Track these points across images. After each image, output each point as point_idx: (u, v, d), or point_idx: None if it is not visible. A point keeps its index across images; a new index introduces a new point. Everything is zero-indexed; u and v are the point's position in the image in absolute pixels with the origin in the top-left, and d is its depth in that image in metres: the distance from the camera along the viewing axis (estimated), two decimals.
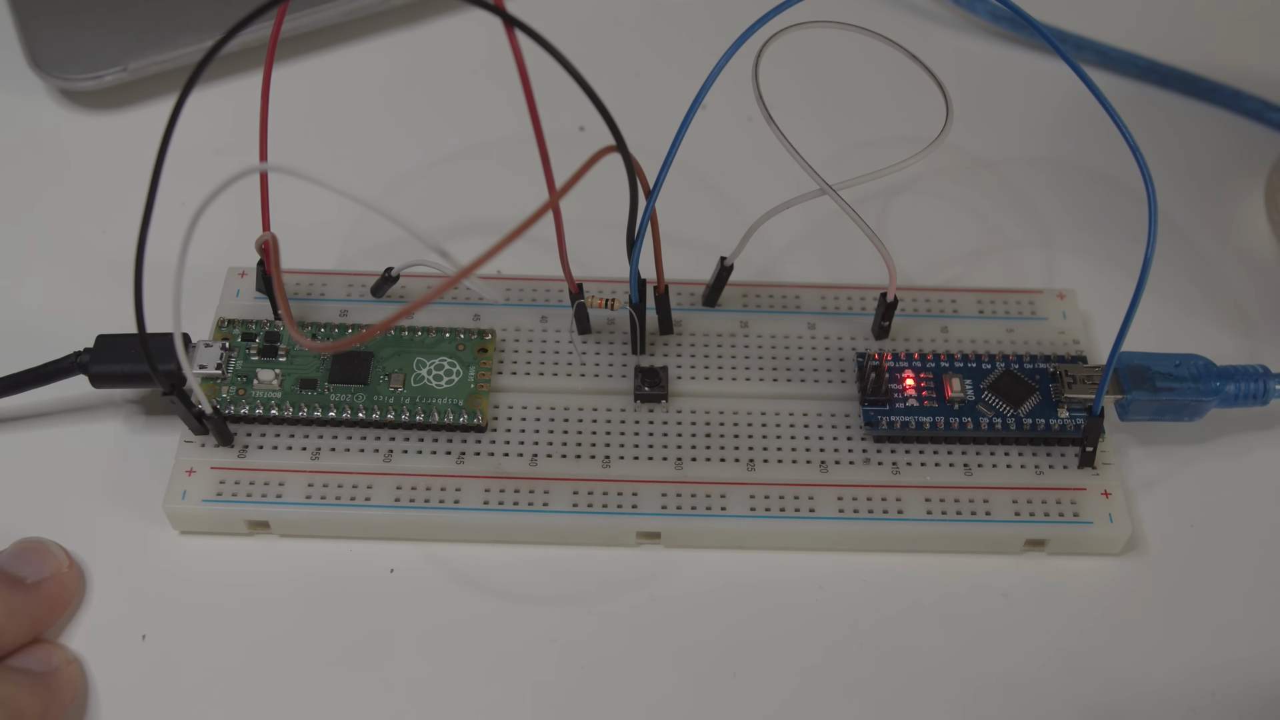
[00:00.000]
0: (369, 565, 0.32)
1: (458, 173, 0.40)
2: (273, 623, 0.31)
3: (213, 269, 0.36)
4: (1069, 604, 0.32)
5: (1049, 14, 0.43)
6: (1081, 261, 0.38)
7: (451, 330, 0.34)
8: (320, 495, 0.32)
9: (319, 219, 0.37)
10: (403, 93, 0.42)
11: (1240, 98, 0.42)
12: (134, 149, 0.40)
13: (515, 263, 0.36)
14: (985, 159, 0.41)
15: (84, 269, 0.37)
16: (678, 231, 0.37)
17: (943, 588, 0.32)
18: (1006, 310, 0.36)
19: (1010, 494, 0.32)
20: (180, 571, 0.32)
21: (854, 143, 0.41)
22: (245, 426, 0.33)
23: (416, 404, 0.33)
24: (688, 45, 0.44)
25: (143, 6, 0.41)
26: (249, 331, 0.34)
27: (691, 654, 0.31)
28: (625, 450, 0.33)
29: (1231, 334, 0.37)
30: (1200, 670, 0.31)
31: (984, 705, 0.30)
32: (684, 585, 0.32)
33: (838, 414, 0.33)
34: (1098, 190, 0.40)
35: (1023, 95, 0.43)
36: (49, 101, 0.41)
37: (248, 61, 0.42)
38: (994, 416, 0.33)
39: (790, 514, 0.32)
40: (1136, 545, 0.33)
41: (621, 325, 0.35)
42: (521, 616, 0.31)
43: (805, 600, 0.32)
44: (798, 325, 0.35)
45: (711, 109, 0.38)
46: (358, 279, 0.36)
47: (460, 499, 0.32)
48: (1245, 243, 0.39)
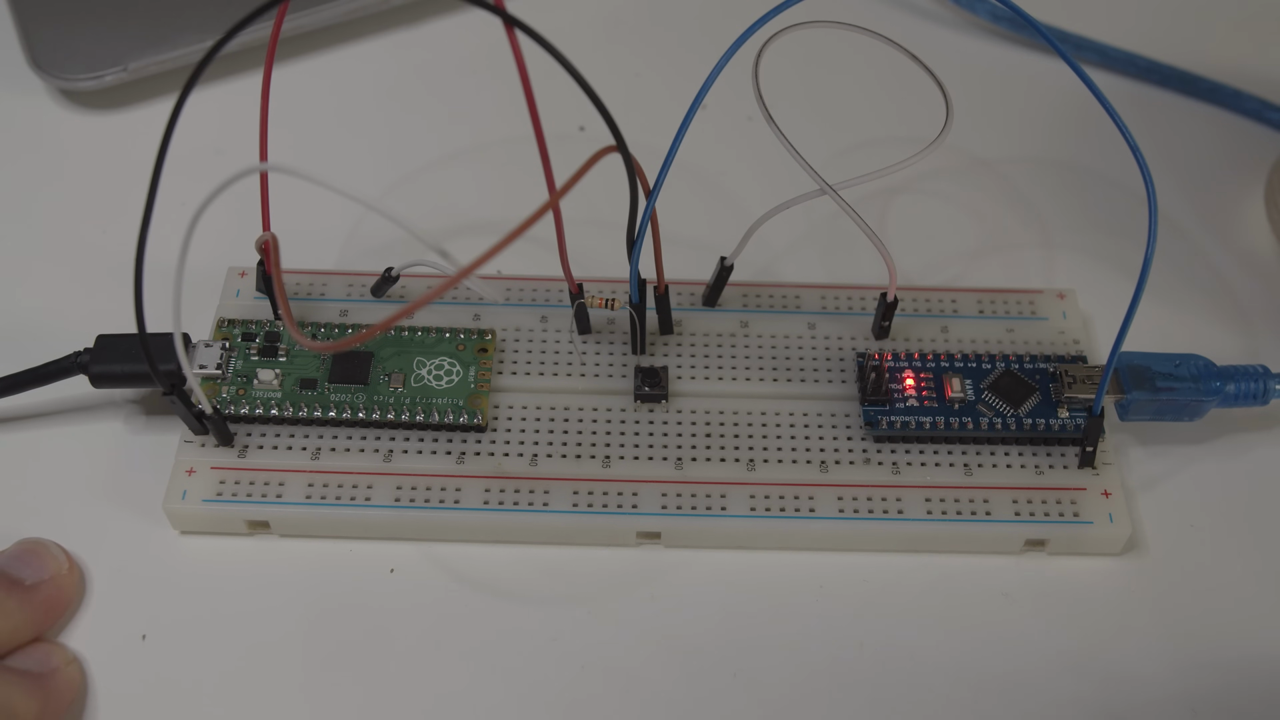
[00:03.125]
0: (369, 565, 0.32)
1: (458, 173, 0.40)
2: (273, 623, 0.31)
3: (213, 269, 0.36)
4: (1069, 604, 0.32)
5: (1049, 14, 0.43)
6: (1081, 261, 0.38)
7: (451, 330, 0.34)
8: (320, 495, 0.32)
9: (319, 219, 0.37)
10: (403, 92, 0.42)
11: (1240, 98, 0.42)
12: (134, 149, 0.40)
13: (515, 263, 0.36)
14: (985, 159, 0.41)
15: (84, 269, 0.37)
16: (678, 231, 0.37)
17: (943, 588, 0.32)
18: (1006, 310, 0.36)
19: (1010, 494, 0.32)
20: (180, 571, 0.32)
21: (854, 143, 0.41)
22: (245, 426, 0.33)
23: (416, 404, 0.33)
24: (688, 45, 0.44)
25: (143, 6, 0.41)
26: (249, 331, 0.34)
27: (691, 654, 0.31)
28: (625, 450, 0.33)
29: (1231, 334, 0.37)
30: (1200, 670, 0.31)
31: (984, 705, 0.30)
32: (684, 585, 0.32)
33: (838, 414, 0.33)
34: (1098, 190, 0.40)
35: (1023, 95, 0.43)
36: (49, 101, 0.41)
37: (248, 61, 0.42)
38: (994, 416, 0.33)
39: (790, 514, 0.32)
40: (1136, 545, 0.33)
41: (621, 325, 0.35)
42: (521, 616, 0.31)
43: (805, 600, 0.32)
44: (798, 325, 0.35)
45: (711, 109, 0.38)
46: (358, 279, 0.36)
47: (460, 499, 0.32)
48: (1245, 243, 0.39)
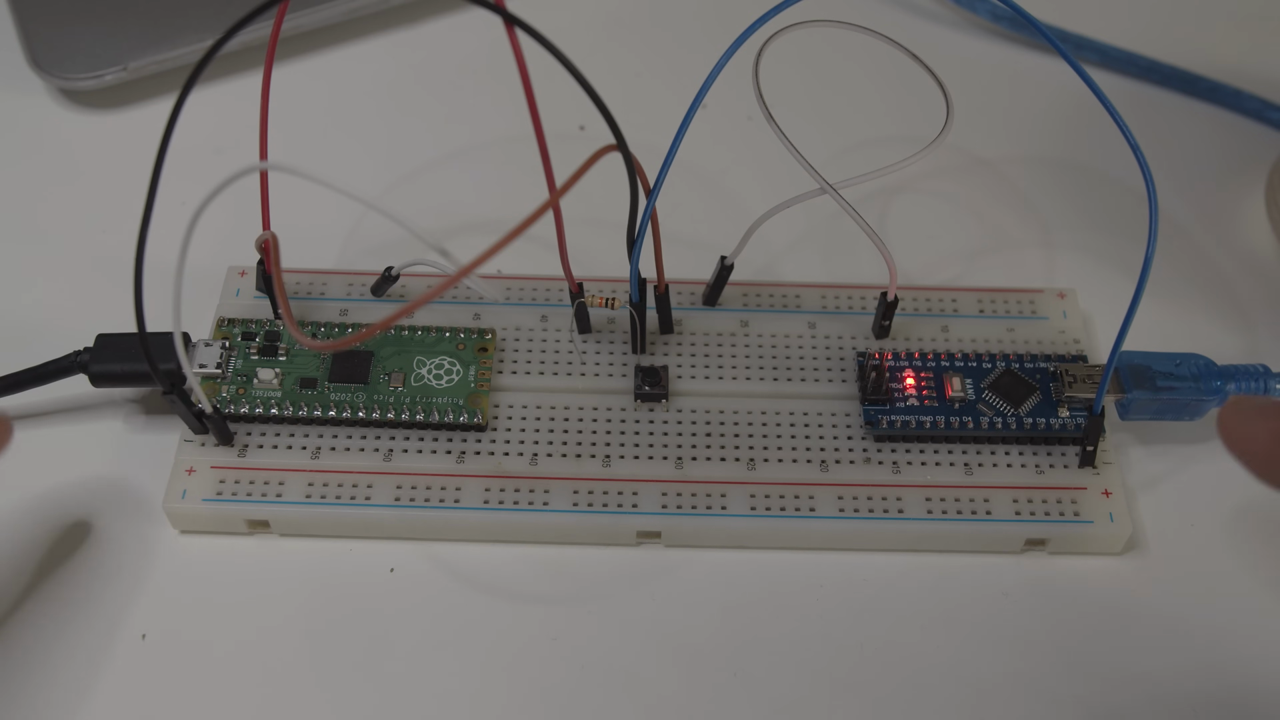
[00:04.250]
0: (369, 565, 0.32)
1: (457, 172, 0.40)
2: (273, 622, 0.31)
3: (213, 268, 0.36)
4: (1069, 604, 0.32)
5: (1049, 14, 0.43)
6: (1081, 261, 0.38)
7: (451, 330, 0.34)
8: (320, 494, 0.32)
9: (319, 218, 0.37)
10: (403, 92, 0.42)
11: (1240, 97, 0.42)
12: (134, 149, 0.40)
13: (515, 262, 0.36)
14: (985, 159, 0.41)
15: (84, 268, 0.37)
16: (678, 231, 0.37)
17: (943, 588, 0.32)
18: (1007, 310, 0.36)
19: (1010, 493, 0.32)
20: (180, 571, 0.32)
21: (854, 142, 0.41)
22: (245, 426, 0.33)
23: (416, 403, 0.33)
24: (688, 44, 0.44)
25: (143, 6, 0.41)
26: (249, 331, 0.34)
27: (691, 654, 0.31)
28: (625, 450, 0.33)
29: (1231, 334, 0.37)
30: (1201, 670, 0.31)
31: (984, 705, 0.30)
32: (684, 585, 0.32)
33: (838, 413, 0.33)
34: (1098, 190, 0.40)
35: (1023, 95, 0.43)
36: (49, 101, 0.41)
37: (248, 61, 0.42)
38: (994, 416, 0.33)
39: (790, 514, 0.32)
40: (1136, 545, 0.33)
41: (622, 324, 0.35)
42: (521, 616, 0.31)
43: (805, 600, 0.32)
44: (798, 325, 0.35)
45: (712, 108, 0.38)
46: (358, 278, 0.36)
47: (460, 498, 0.32)
48: (1245, 243, 0.39)
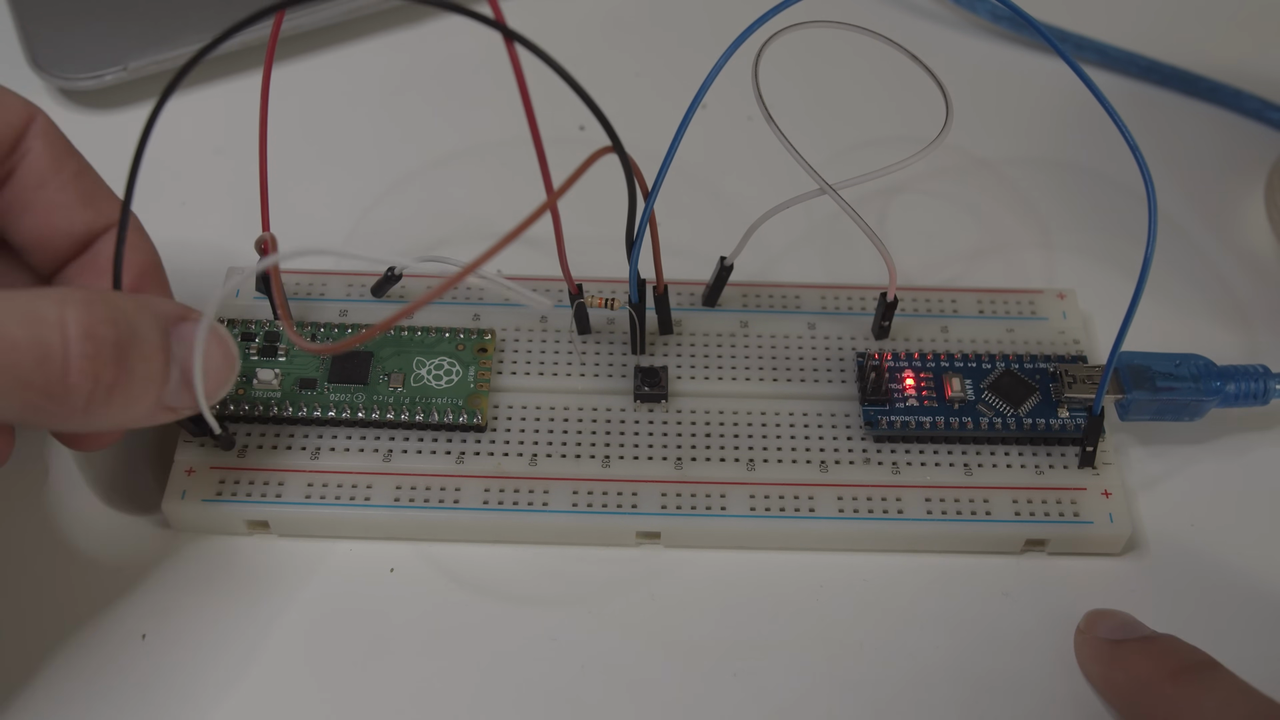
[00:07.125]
0: (369, 565, 0.32)
1: (456, 173, 0.40)
2: (272, 622, 0.31)
3: (213, 269, 0.36)
4: (1069, 604, 0.32)
5: (1049, 14, 0.43)
6: (1081, 261, 0.38)
7: (451, 330, 0.34)
8: (320, 495, 0.32)
9: (319, 219, 0.37)
10: (402, 93, 0.42)
11: (1240, 97, 0.42)
12: (134, 149, 0.40)
13: (515, 263, 0.36)
14: (985, 159, 0.41)
15: None
16: (677, 231, 0.37)
17: (943, 588, 0.32)
18: (1006, 310, 0.36)
19: (1010, 494, 0.32)
20: (180, 571, 0.32)
21: (854, 143, 0.41)
22: (245, 426, 0.33)
23: (416, 404, 0.33)
24: (687, 45, 0.44)
25: (143, 6, 0.41)
26: (249, 331, 0.34)
27: (691, 654, 0.31)
28: (625, 450, 0.33)
29: (1231, 334, 0.37)
30: None
31: (984, 705, 0.30)
32: (684, 585, 0.32)
33: (838, 414, 0.33)
34: (1098, 190, 0.40)
35: (1023, 95, 0.43)
36: (49, 101, 0.41)
37: (247, 61, 0.42)
38: (994, 416, 0.33)
39: (790, 514, 0.32)
40: (1136, 545, 0.33)
41: (621, 325, 0.35)
42: (521, 616, 0.31)
43: (805, 600, 0.32)
44: (798, 325, 0.35)
45: (711, 109, 0.38)
46: (358, 279, 0.36)
47: (460, 499, 0.32)
48: (1245, 243, 0.39)
